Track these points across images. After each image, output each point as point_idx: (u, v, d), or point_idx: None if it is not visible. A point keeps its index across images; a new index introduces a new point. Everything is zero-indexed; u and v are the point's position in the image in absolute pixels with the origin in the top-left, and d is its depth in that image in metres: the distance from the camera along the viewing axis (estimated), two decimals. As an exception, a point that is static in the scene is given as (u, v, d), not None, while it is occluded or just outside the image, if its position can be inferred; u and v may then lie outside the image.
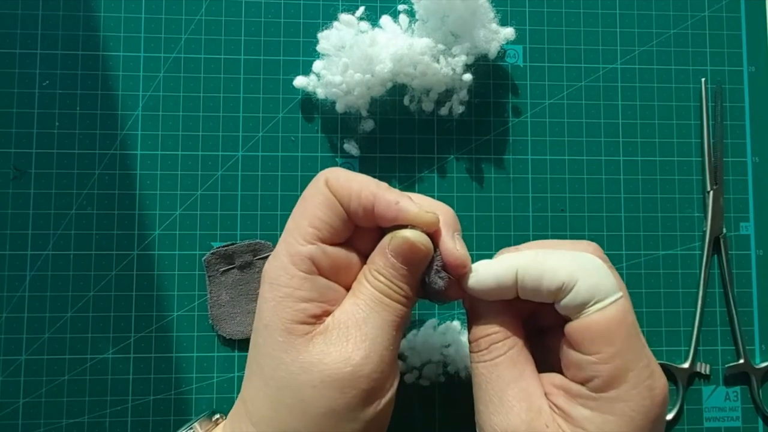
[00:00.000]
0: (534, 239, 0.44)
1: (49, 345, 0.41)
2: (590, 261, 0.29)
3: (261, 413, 0.30)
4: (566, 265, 0.29)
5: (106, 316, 0.41)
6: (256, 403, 0.30)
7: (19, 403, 0.41)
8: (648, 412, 0.28)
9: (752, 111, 0.46)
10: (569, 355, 0.29)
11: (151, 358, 0.41)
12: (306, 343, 0.29)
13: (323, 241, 0.31)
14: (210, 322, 0.42)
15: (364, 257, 0.32)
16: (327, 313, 0.31)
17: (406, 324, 0.32)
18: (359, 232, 0.32)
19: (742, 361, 0.43)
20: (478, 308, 0.32)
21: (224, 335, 0.42)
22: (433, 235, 0.31)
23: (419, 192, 0.44)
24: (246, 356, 0.42)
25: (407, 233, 0.30)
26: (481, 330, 0.31)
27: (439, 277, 0.31)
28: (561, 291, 0.29)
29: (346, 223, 0.31)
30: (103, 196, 0.42)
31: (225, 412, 0.41)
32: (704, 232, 0.44)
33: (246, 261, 0.42)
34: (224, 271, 0.42)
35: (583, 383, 0.29)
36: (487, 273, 0.30)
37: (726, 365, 0.43)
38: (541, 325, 0.33)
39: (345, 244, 0.32)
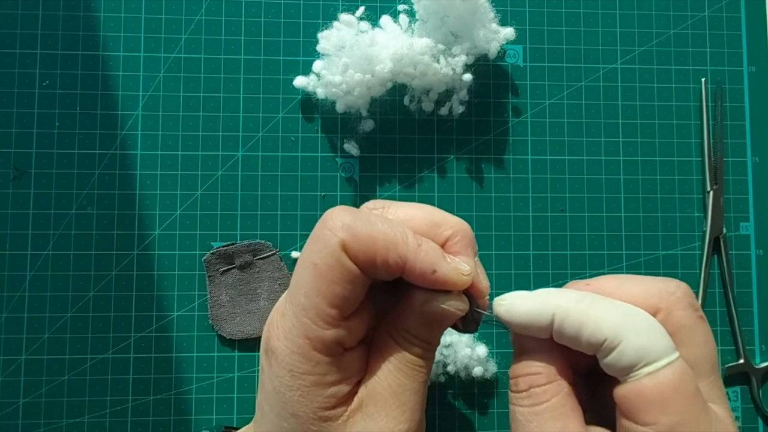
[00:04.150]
0: (534, 239, 0.44)
1: (49, 345, 0.41)
2: (642, 319, 0.26)
3: None
4: (612, 319, 0.25)
5: (106, 316, 0.41)
6: None
7: (19, 403, 0.41)
8: None
9: (752, 111, 0.46)
10: (621, 423, 0.26)
11: (151, 358, 0.41)
12: (343, 427, 0.27)
13: (346, 318, 0.27)
14: (210, 322, 0.42)
15: (373, 289, 0.29)
16: (358, 384, 0.28)
17: None
18: None
19: (741, 361, 0.43)
20: (522, 341, 0.28)
21: (224, 335, 0.42)
22: None
23: (420, 192, 0.44)
24: (246, 356, 0.42)
25: (449, 304, 0.27)
26: (521, 368, 0.27)
27: (473, 321, 0.29)
28: (602, 348, 0.25)
29: (367, 284, 0.27)
30: (103, 196, 0.42)
31: (226, 416, 0.41)
32: (704, 232, 0.44)
33: (246, 261, 0.42)
34: (224, 271, 0.42)
35: None
36: (521, 308, 0.27)
37: (726, 365, 0.43)
38: (592, 367, 0.28)
39: None
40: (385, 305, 0.30)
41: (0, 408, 0.40)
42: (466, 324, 0.30)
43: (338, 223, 0.26)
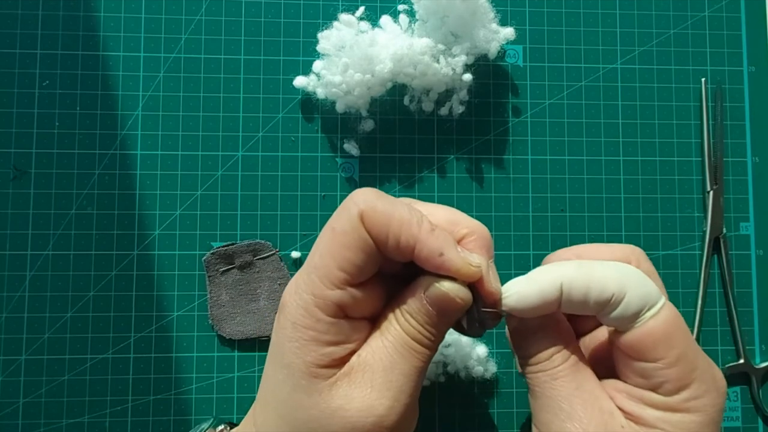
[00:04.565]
0: (534, 239, 0.44)
1: (49, 345, 0.41)
2: (635, 271, 0.29)
3: None
4: (613, 276, 0.28)
5: (106, 316, 0.41)
6: None
7: (19, 403, 0.41)
8: (718, 405, 0.28)
9: (752, 111, 0.46)
10: (631, 365, 0.28)
11: (151, 358, 0.41)
12: (329, 387, 0.28)
13: (352, 285, 0.28)
14: (210, 322, 0.42)
15: (389, 278, 0.31)
16: (353, 353, 0.29)
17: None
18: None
19: (742, 361, 0.43)
20: (531, 323, 0.30)
21: (224, 335, 0.42)
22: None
23: (420, 192, 0.44)
24: (246, 356, 0.42)
25: (447, 287, 0.28)
26: (539, 343, 0.30)
27: (479, 323, 0.29)
28: (610, 303, 0.28)
29: (378, 260, 0.29)
30: (103, 196, 0.42)
31: (226, 416, 0.41)
32: (704, 232, 0.44)
33: (246, 261, 0.42)
34: (224, 271, 0.42)
35: (652, 390, 0.28)
36: (530, 290, 0.29)
37: (726, 365, 0.43)
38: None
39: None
40: (397, 295, 0.31)
41: (0, 408, 0.40)
42: (471, 325, 0.30)
43: (362, 197, 0.29)
